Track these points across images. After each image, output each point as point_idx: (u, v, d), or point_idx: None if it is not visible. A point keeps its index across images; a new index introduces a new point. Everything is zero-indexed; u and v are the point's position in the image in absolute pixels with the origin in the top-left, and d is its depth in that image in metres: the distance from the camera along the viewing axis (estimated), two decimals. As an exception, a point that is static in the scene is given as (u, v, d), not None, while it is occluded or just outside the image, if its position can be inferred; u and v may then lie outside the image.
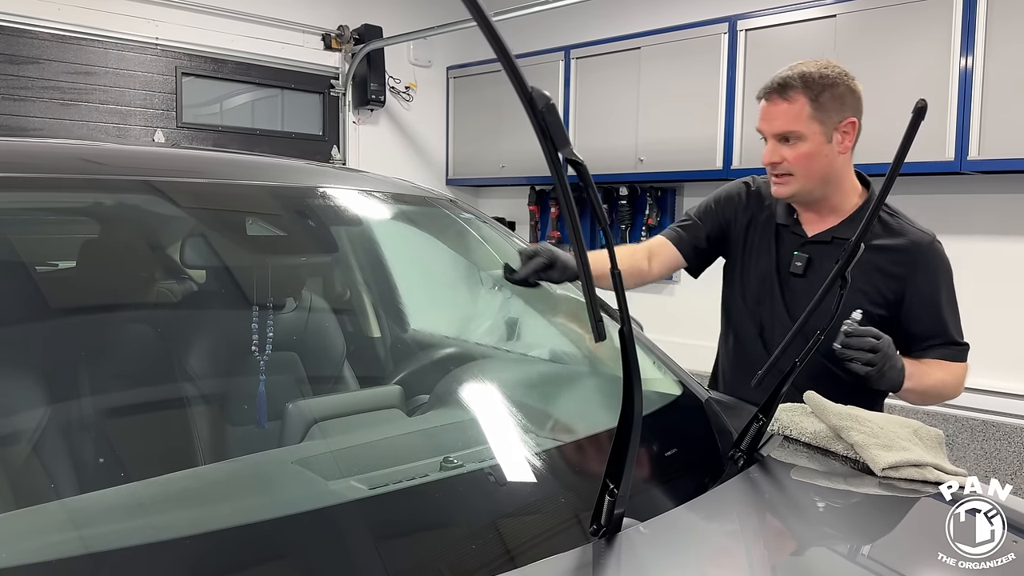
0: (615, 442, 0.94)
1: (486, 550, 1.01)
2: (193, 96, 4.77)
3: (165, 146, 4.45)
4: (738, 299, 1.90)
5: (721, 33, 4.30)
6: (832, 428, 1.43)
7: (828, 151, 1.73)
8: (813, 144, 1.71)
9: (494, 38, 0.64)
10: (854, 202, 1.81)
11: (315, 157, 5.01)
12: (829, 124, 1.71)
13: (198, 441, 1.33)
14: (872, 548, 1.14)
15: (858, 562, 1.10)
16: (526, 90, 0.67)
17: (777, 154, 1.74)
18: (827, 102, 1.70)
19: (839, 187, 1.79)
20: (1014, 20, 3.38)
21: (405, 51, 5.58)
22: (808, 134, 1.71)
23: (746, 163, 4.20)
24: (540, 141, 0.70)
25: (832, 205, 1.80)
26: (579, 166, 0.73)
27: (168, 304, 1.77)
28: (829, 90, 1.71)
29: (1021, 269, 3.63)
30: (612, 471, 0.95)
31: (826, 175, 1.75)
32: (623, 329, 0.83)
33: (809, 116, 1.70)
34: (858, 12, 3.81)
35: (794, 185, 1.75)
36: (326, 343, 1.92)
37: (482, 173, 5.54)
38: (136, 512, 0.98)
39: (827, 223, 1.80)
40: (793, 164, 1.73)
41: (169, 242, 1.81)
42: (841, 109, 1.72)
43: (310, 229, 1.85)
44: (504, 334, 2.10)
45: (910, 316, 1.75)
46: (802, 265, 1.78)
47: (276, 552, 0.95)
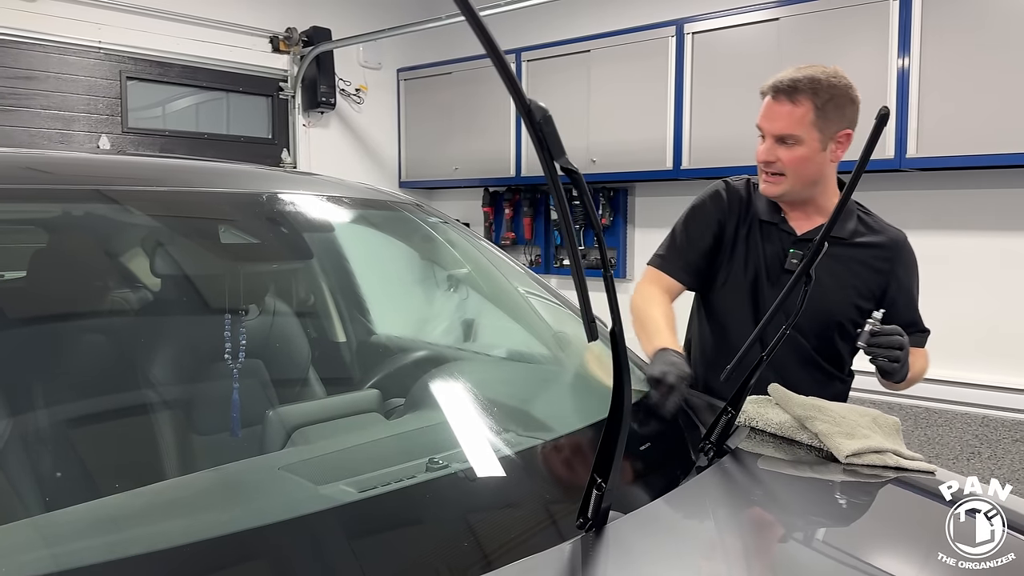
0: (603, 437, 0.97)
1: (477, 548, 1.04)
2: (139, 101, 4.68)
3: (111, 152, 4.36)
4: (727, 296, 1.92)
5: (668, 36, 4.38)
6: (797, 418, 1.50)
7: (821, 159, 1.79)
8: (809, 150, 1.76)
9: (495, 54, 0.67)
10: (835, 202, 1.86)
11: (264, 161, 4.95)
12: (827, 133, 1.77)
13: (177, 451, 1.32)
14: (871, 548, 1.16)
15: (853, 556, 1.13)
16: (524, 103, 0.70)
17: (773, 154, 1.79)
18: (830, 111, 1.75)
19: (825, 190, 1.86)
20: (947, 23, 3.54)
21: (355, 53, 5.56)
22: (807, 140, 1.75)
23: (695, 163, 4.30)
24: (537, 151, 0.73)
25: (818, 205, 1.86)
26: (574, 174, 0.76)
27: (132, 315, 1.75)
28: (834, 100, 1.76)
29: (957, 262, 3.80)
30: (600, 466, 0.99)
31: (815, 180, 1.82)
32: (614, 329, 0.87)
33: (811, 123, 1.75)
34: (800, 15, 3.93)
35: (784, 186, 1.81)
36: (292, 349, 1.92)
37: (435, 175, 5.55)
38: (128, 523, 0.98)
39: (814, 222, 1.86)
40: (787, 166, 1.78)
41: (125, 252, 1.78)
42: (841, 120, 1.77)
43: (274, 235, 1.85)
44: (469, 336, 2.12)
45: (893, 308, 1.82)
46: (798, 263, 1.81)
47: (271, 558, 0.96)
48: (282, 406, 1.40)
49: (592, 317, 0.82)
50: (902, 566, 1.12)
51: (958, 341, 3.72)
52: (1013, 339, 3.68)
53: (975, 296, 3.77)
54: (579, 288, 0.80)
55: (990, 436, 3.60)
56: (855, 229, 1.86)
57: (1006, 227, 3.70)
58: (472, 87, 5.27)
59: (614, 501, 1.06)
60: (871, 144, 1.10)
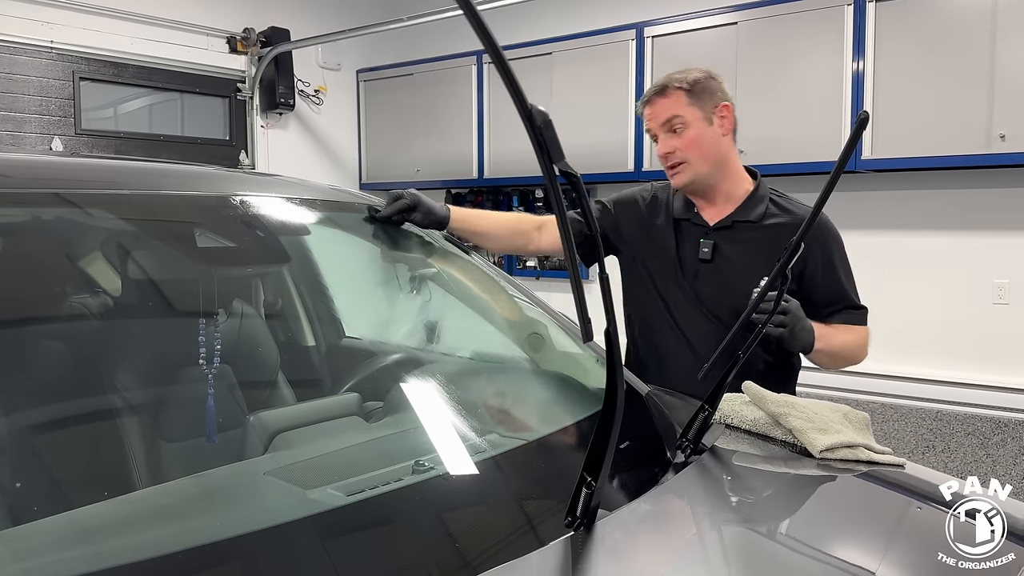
0: (595, 436, 0.98)
1: (468, 549, 1.04)
2: (92, 102, 4.58)
3: (64, 154, 4.25)
4: (647, 292, 2.03)
5: (629, 39, 4.44)
6: (771, 415, 1.53)
7: (712, 133, 1.92)
8: (697, 128, 1.90)
9: (497, 55, 0.68)
10: (745, 188, 1.98)
11: (222, 163, 4.87)
12: (707, 109, 1.91)
13: (155, 459, 1.30)
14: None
15: (837, 554, 1.15)
16: (526, 107, 0.71)
17: (669, 145, 1.93)
18: (700, 91, 1.91)
19: (728, 173, 1.96)
20: (900, 28, 3.64)
21: (313, 54, 5.51)
22: (690, 119, 1.90)
23: (656, 165, 4.33)
24: (537, 154, 0.74)
25: (725, 193, 1.97)
26: (573, 178, 0.77)
27: (96, 321, 1.72)
28: (699, 83, 1.92)
29: (909, 260, 3.91)
30: (591, 464, 1.00)
31: (715, 159, 1.92)
32: (608, 329, 0.88)
33: (687, 103, 1.90)
34: (757, 20, 4.02)
35: (690, 172, 1.92)
36: (262, 354, 1.90)
37: (396, 176, 5.53)
38: (112, 532, 0.96)
39: (724, 211, 1.96)
40: (685, 150, 1.91)
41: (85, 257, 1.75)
42: (713, 96, 1.92)
43: (243, 239, 1.83)
44: (442, 338, 2.12)
45: (812, 285, 1.91)
46: (709, 251, 1.94)
47: (261, 564, 0.95)
48: (261, 411, 1.38)
49: (588, 318, 0.83)
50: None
51: (913, 338, 3.83)
52: (966, 336, 3.81)
53: (929, 294, 3.88)
54: (575, 290, 0.81)
55: (944, 430, 3.72)
56: (765, 212, 1.94)
57: (957, 226, 3.82)
58: (434, 88, 5.26)
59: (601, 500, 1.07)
60: (851, 145, 1.13)
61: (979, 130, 3.46)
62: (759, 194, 1.96)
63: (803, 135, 3.86)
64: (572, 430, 1.41)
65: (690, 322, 1.96)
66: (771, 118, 3.90)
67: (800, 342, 1.81)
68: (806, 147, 3.84)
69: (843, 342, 1.92)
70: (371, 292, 2.57)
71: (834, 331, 1.90)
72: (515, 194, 5.06)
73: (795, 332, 1.77)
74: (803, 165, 3.80)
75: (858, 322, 1.96)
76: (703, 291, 1.94)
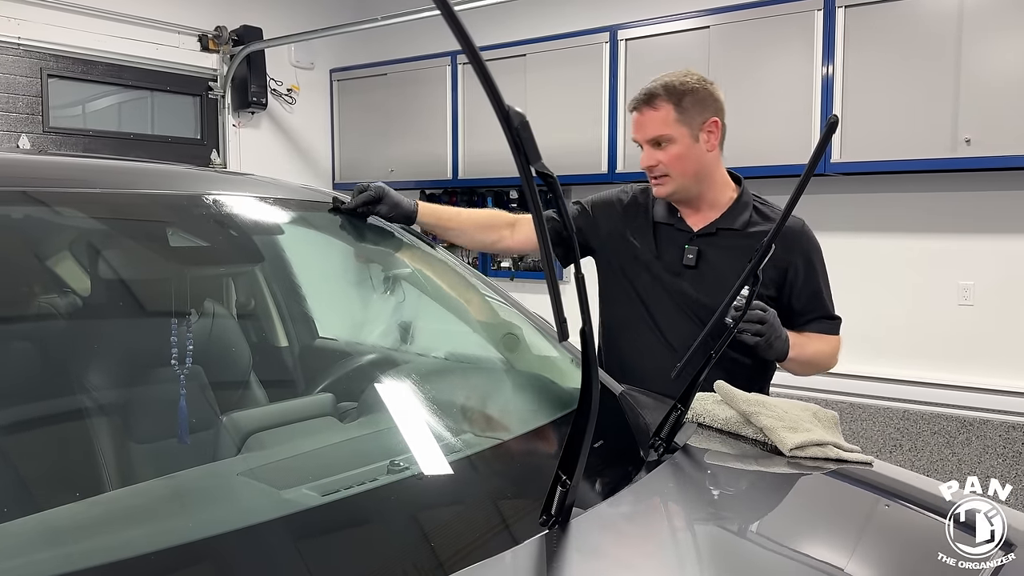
0: (570, 435, 0.99)
1: (443, 548, 1.05)
2: (61, 99, 4.51)
3: (32, 152, 4.19)
4: (624, 293, 2.03)
5: (603, 42, 4.46)
6: (742, 414, 1.55)
7: (697, 150, 1.91)
8: (682, 145, 1.89)
9: (474, 56, 0.68)
10: (729, 196, 1.99)
11: (193, 162, 4.83)
12: (694, 125, 1.89)
13: (126, 460, 1.29)
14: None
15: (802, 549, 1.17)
16: (503, 108, 0.72)
17: (652, 158, 1.92)
18: (689, 106, 1.88)
19: (712, 183, 1.96)
20: (869, 34, 3.70)
21: (286, 53, 5.48)
22: (676, 136, 1.88)
23: (629, 167, 4.38)
24: (514, 155, 0.74)
25: (709, 200, 1.97)
26: (550, 179, 0.78)
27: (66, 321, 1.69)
28: (690, 95, 1.88)
29: (877, 262, 3.97)
30: (566, 463, 1.01)
31: (698, 172, 1.92)
32: (584, 328, 0.89)
33: (675, 120, 1.88)
34: (729, 24, 4.06)
35: (671, 185, 1.93)
36: (234, 354, 1.89)
37: (370, 177, 5.43)
38: (85, 533, 0.96)
39: (708, 217, 1.97)
40: (668, 165, 1.90)
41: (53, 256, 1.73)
42: (703, 111, 1.90)
43: (217, 238, 1.81)
44: (416, 338, 2.12)
45: (791, 294, 1.93)
46: (694, 258, 1.95)
47: (237, 565, 0.95)
48: (234, 412, 1.37)
49: (563, 318, 0.84)
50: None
51: (880, 338, 3.89)
52: (932, 336, 3.87)
53: (896, 295, 3.95)
54: (552, 289, 0.82)
55: (911, 429, 3.78)
56: (749, 219, 1.95)
57: (924, 229, 3.89)
58: (408, 88, 5.25)
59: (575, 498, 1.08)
60: (820, 149, 1.15)
61: (945, 134, 3.52)
62: (743, 201, 1.97)
63: (772, 138, 3.91)
64: (547, 430, 1.42)
65: (671, 324, 1.96)
66: (741, 121, 3.92)
67: (775, 351, 1.83)
68: (775, 150, 3.89)
69: (816, 351, 1.95)
70: (344, 292, 2.56)
71: (807, 340, 1.92)
72: (489, 195, 5.06)
73: (771, 341, 1.79)
74: (772, 168, 3.84)
75: (831, 332, 1.98)
76: (686, 295, 1.95)
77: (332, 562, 0.98)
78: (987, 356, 3.75)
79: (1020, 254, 3.67)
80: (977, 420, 3.65)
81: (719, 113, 1.92)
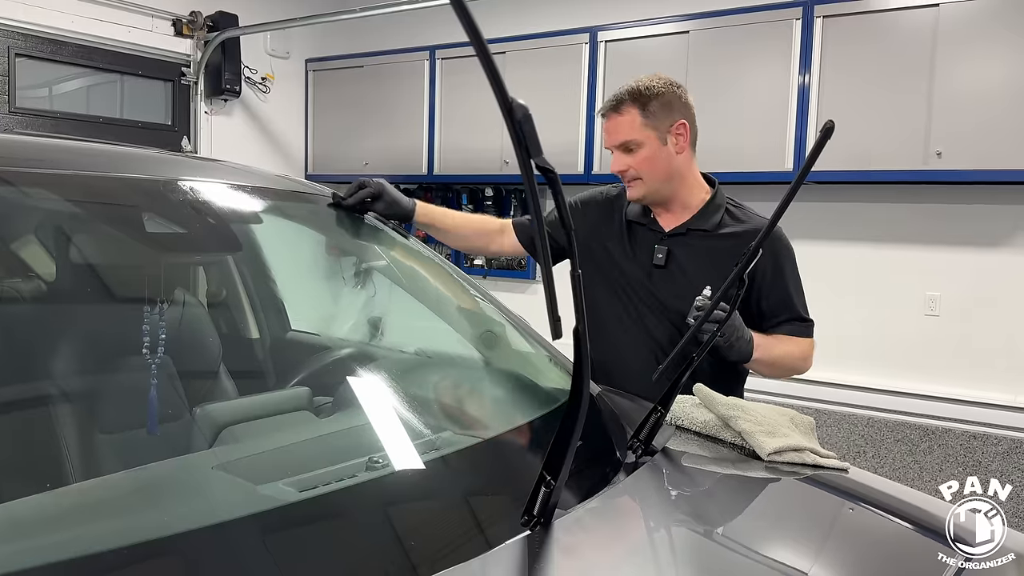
0: (557, 436, 0.98)
1: (424, 547, 1.03)
2: (29, 79, 4.39)
3: (-4, 131, 4.07)
4: (602, 295, 2.04)
5: (582, 43, 4.46)
6: (721, 417, 1.55)
7: (666, 153, 1.93)
8: (651, 149, 1.92)
9: (480, 46, 0.67)
10: (701, 197, 2.01)
11: (163, 147, 4.73)
12: (662, 129, 1.92)
13: (96, 451, 1.25)
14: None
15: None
16: (507, 100, 0.70)
17: (623, 163, 1.95)
18: (656, 110, 1.91)
19: (684, 184, 1.98)
20: (845, 45, 3.74)
21: (262, 41, 5.40)
22: (644, 140, 1.91)
23: (606, 168, 4.37)
24: (515, 148, 0.73)
25: (682, 201, 2.00)
26: (550, 173, 0.77)
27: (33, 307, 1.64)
28: (656, 99, 1.91)
29: (845, 270, 4.02)
30: (551, 463, 0.99)
31: (668, 174, 1.95)
32: (577, 328, 0.88)
33: (642, 124, 1.91)
34: (708, 30, 4.08)
35: (643, 187, 1.95)
36: (205, 345, 1.85)
37: (344, 169, 5.44)
38: (54, 525, 0.92)
39: (680, 218, 1.99)
40: (638, 169, 1.93)
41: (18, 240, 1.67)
42: (670, 114, 1.92)
43: (191, 224, 1.77)
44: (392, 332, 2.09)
45: (760, 294, 1.95)
46: (663, 257, 1.97)
47: (210, 560, 0.92)
48: (207, 403, 1.34)
49: (558, 316, 0.83)
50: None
51: (847, 346, 3.94)
52: (894, 345, 3.93)
53: (863, 304, 4.00)
54: (547, 287, 0.81)
55: (875, 436, 3.83)
56: (720, 221, 1.98)
57: (893, 239, 3.94)
58: (384, 81, 5.20)
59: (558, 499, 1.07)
60: (814, 155, 1.16)
61: (917, 147, 3.57)
62: (716, 203, 1.99)
63: (748, 145, 3.93)
64: (526, 429, 1.40)
65: (644, 324, 1.98)
66: (717, 127, 3.95)
67: (737, 352, 1.84)
68: (750, 157, 3.91)
69: (784, 352, 1.95)
70: (319, 285, 2.53)
71: (776, 341, 1.93)
72: (464, 192, 5.03)
73: (732, 342, 1.80)
74: (746, 175, 3.86)
75: (802, 334, 1.99)
76: (655, 295, 1.97)
77: (308, 561, 0.96)
78: (951, 366, 3.81)
79: (986, 267, 3.74)
80: (939, 429, 3.71)
81: (687, 116, 1.95)
